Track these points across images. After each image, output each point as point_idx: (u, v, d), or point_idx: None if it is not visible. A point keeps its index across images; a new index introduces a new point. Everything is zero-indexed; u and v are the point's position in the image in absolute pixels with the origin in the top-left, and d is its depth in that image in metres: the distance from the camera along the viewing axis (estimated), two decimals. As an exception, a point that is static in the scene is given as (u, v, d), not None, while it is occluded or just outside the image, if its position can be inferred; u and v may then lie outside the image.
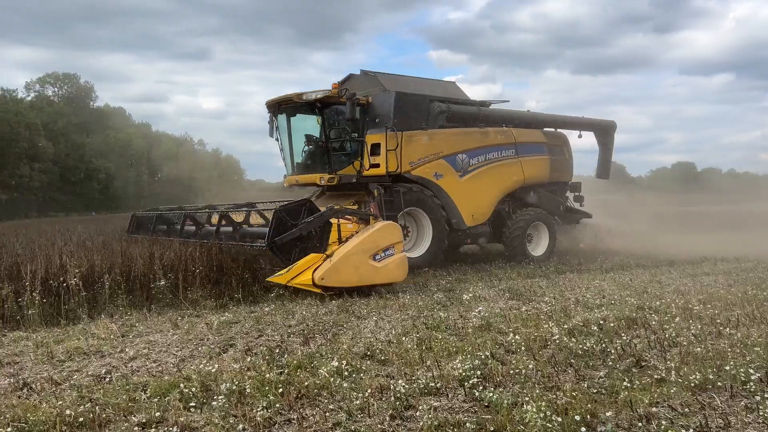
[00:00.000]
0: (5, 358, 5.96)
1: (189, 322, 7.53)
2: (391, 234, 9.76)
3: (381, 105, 12.93)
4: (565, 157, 16.11)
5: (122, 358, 5.88)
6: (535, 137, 15.29)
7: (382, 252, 9.52)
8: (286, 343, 6.28)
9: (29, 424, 4.03)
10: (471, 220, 13.58)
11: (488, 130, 14.33)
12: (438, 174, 13.17)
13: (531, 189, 15.08)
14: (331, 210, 10.11)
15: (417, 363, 5.36)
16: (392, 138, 12.45)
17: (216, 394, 4.59)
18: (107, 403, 4.42)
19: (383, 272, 9.50)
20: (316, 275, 8.84)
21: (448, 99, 13.89)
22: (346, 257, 9.14)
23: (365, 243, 9.39)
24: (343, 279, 9.13)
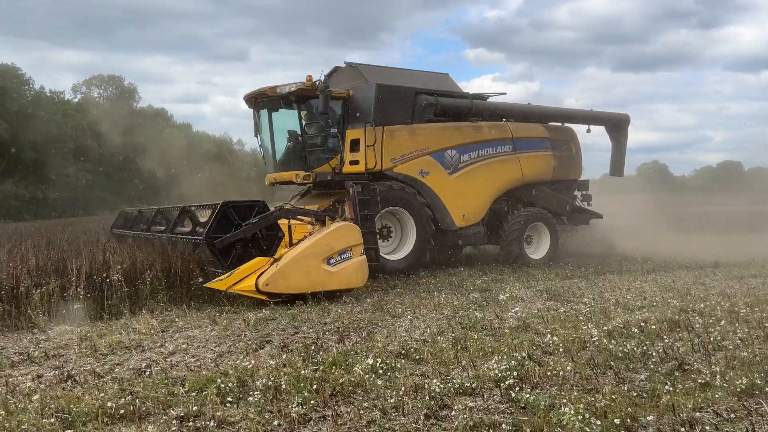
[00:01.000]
0: (51, 351, 6.15)
1: (227, 318, 7.65)
2: (348, 236, 9.10)
3: (361, 98, 12.18)
4: (572, 153, 15.11)
5: (162, 353, 6.00)
6: (535, 132, 14.37)
7: (338, 255, 8.86)
8: (322, 341, 6.31)
9: (73, 415, 4.15)
10: (462, 220, 12.81)
11: (481, 124, 13.43)
12: (424, 171, 12.39)
13: (533, 187, 14.22)
14: (280, 210, 9.53)
15: (452, 363, 5.32)
16: (372, 133, 11.75)
17: (252, 389, 4.64)
18: (147, 397, 4.52)
19: (339, 277, 8.85)
20: (260, 280, 8.21)
21: (436, 92, 13.02)
22: (296, 261, 8.51)
23: (317, 246, 8.77)
24: (292, 285, 8.48)
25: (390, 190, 11.68)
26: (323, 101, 11.19)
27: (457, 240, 12.97)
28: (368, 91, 12.11)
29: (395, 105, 12.26)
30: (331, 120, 12.18)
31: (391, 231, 12.06)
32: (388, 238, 12.03)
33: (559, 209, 14.68)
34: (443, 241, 12.80)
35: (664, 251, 15.30)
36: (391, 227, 12.06)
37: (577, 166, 15.31)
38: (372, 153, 11.73)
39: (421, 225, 12.00)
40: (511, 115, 14.32)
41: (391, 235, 12.06)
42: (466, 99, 13.55)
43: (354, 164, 11.84)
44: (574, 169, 15.23)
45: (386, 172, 12.00)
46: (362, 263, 9.21)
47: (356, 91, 12.29)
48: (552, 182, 14.58)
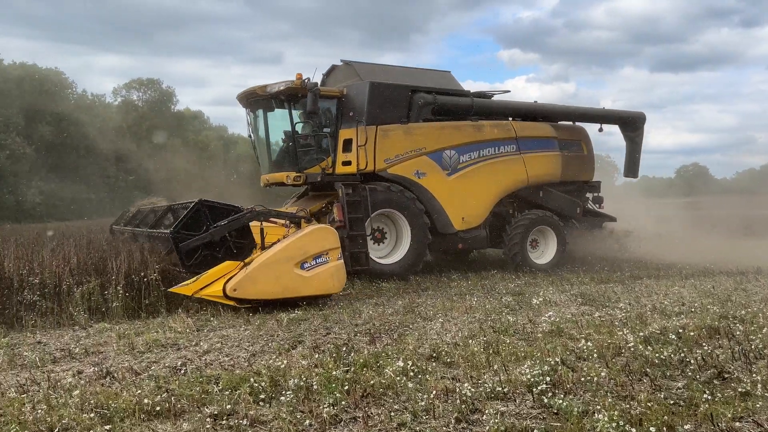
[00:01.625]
0: (91, 348, 6.33)
1: (260, 318, 7.75)
2: (323, 239, 8.68)
3: (355, 97, 11.78)
4: (584, 154, 14.46)
5: (197, 351, 6.12)
6: (541, 131, 13.75)
7: (312, 260, 8.47)
8: (353, 342, 6.34)
9: (111, 411, 4.26)
10: (461, 223, 12.32)
11: (483, 123, 12.88)
12: (420, 172, 11.95)
13: (540, 189, 13.66)
14: (251, 212, 9.19)
15: (484, 367, 5.29)
16: (364, 133, 11.35)
17: (284, 389, 4.69)
18: (182, 394, 4.61)
19: (313, 283, 8.48)
20: (228, 286, 7.84)
21: (435, 89, 12.49)
22: (266, 265, 8.14)
23: (290, 249, 8.36)
24: (261, 290, 8.12)
25: (382, 192, 11.32)
26: (311, 100, 10.88)
27: (456, 243, 12.49)
28: (361, 90, 11.73)
29: (390, 103, 11.84)
30: (326, 120, 11.88)
31: (385, 234, 11.69)
32: (382, 241, 11.63)
33: (569, 212, 14.11)
34: (441, 244, 12.43)
35: (703, 256, 14.80)
36: (385, 230, 11.70)
37: (589, 167, 14.70)
38: (364, 153, 11.36)
39: (416, 228, 11.58)
40: (517, 114, 13.85)
41: (386, 239, 11.68)
42: (467, 97, 13.04)
43: (346, 165, 11.52)
44: (585, 170, 14.59)
45: (379, 173, 11.61)
46: (339, 268, 8.79)
47: (350, 90, 11.93)
48: (561, 184, 14.03)
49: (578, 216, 14.31)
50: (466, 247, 12.85)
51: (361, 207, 10.86)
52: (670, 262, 14.04)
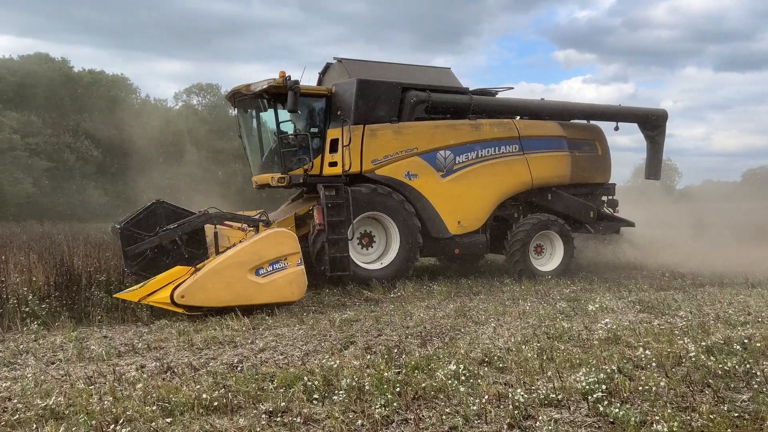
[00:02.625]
0: (153, 343, 6.58)
1: (314, 318, 7.88)
2: (281, 244, 8.27)
3: (343, 95, 11.23)
4: (598, 154, 13.57)
5: (252, 349, 6.28)
6: (548, 130, 12.91)
7: (269, 265, 8.08)
8: (404, 344, 6.37)
9: (171, 405, 4.42)
10: (457, 227, 11.69)
11: (481, 122, 12.16)
12: (411, 173, 11.34)
13: (548, 191, 12.88)
14: (204, 215, 8.90)
15: (537, 373, 5.22)
16: (349, 132, 10.83)
17: (337, 388, 4.76)
18: (238, 391, 4.74)
19: (269, 290, 8.09)
20: (176, 292, 7.57)
21: (430, 87, 11.88)
22: (216, 271, 7.81)
23: (242, 254, 8.00)
24: (212, 297, 7.78)
25: (367, 194, 10.78)
26: (292, 98, 10.40)
27: (452, 248, 11.87)
28: (349, 88, 11.16)
29: (378, 102, 11.26)
30: (314, 119, 11.48)
31: (374, 238, 11.21)
32: (371, 245, 11.18)
33: (581, 216, 13.25)
34: (436, 249, 11.93)
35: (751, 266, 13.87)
36: (374, 234, 11.22)
37: (603, 168, 13.76)
38: (349, 154, 10.86)
39: (406, 232, 11.03)
40: (522, 112, 13.10)
41: (374, 243, 11.21)
42: (465, 95, 12.34)
43: (333, 166, 11.05)
44: (600, 172, 13.66)
45: (367, 175, 11.06)
46: (298, 275, 8.35)
47: (338, 88, 11.39)
48: (572, 186, 13.21)
49: (592, 221, 13.42)
50: (463, 252, 12.15)
51: (343, 210, 10.42)
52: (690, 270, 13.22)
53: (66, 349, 6.32)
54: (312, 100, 11.31)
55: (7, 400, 4.67)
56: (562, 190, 13.11)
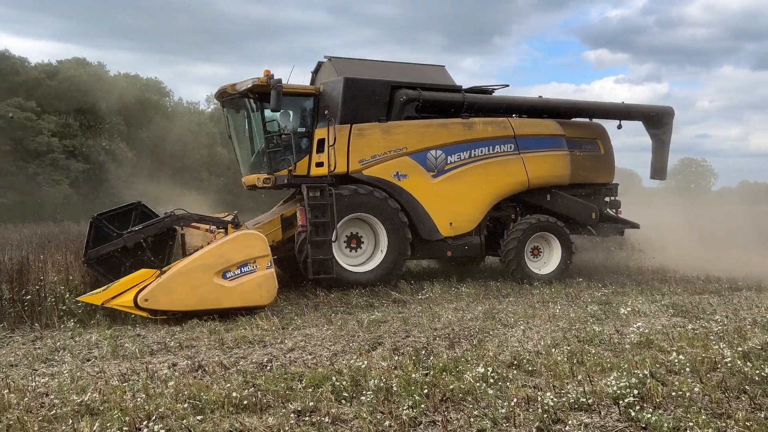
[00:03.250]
0: (184, 342, 6.70)
1: (342, 318, 7.92)
2: (250, 246, 8.06)
3: (330, 94, 10.98)
4: (600, 153, 13.09)
5: (282, 349, 6.34)
6: (545, 129, 12.42)
7: (237, 268, 7.87)
8: (432, 346, 6.35)
9: (202, 402, 4.50)
10: (449, 229, 11.34)
11: (474, 120, 11.76)
12: (400, 174, 11.01)
13: (547, 192, 12.43)
14: (171, 216, 8.67)
15: (567, 376, 5.15)
16: (337, 132, 10.57)
17: (365, 389, 4.77)
18: (268, 390, 4.79)
19: (237, 294, 7.88)
20: (140, 296, 7.41)
21: (421, 85, 11.51)
22: (181, 274, 7.65)
23: (208, 257, 7.83)
24: (176, 301, 7.60)
25: (351, 195, 10.48)
26: (275, 98, 10.13)
27: (444, 251, 11.54)
28: (336, 86, 10.92)
29: (366, 100, 10.98)
30: (302, 118, 11.24)
31: (362, 240, 10.92)
32: (359, 248, 10.90)
33: (582, 217, 12.74)
34: (428, 251, 11.62)
35: None
36: (362, 236, 10.92)
37: (606, 168, 13.24)
38: (338, 154, 10.60)
39: (394, 234, 10.72)
40: (519, 111, 12.63)
41: (362, 245, 10.92)
42: (458, 93, 11.93)
43: (320, 166, 10.77)
44: (602, 172, 13.16)
45: (354, 175, 10.77)
46: (268, 278, 8.11)
47: (326, 87, 11.15)
48: (572, 186, 12.71)
49: (594, 222, 12.90)
50: (456, 255, 11.83)
51: (327, 211, 10.20)
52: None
53: (101, 347, 6.47)
54: (300, 99, 11.12)
55: (44, 395, 4.81)
56: (562, 191, 12.66)
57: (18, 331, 7.35)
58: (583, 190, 13.01)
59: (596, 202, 13.10)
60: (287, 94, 10.62)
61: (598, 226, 12.98)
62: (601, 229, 13.08)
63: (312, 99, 11.09)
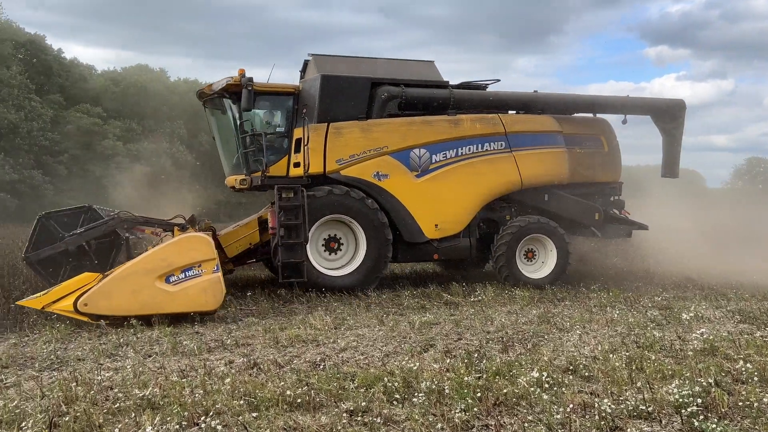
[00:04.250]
0: (240, 340, 6.86)
1: (393, 319, 7.93)
2: (194, 249, 7.82)
3: (308, 93, 10.63)
4: (603, 150, 12.27)
5: (334, 348, 6.40)
6: (540, 125, 11.78)
7: (180, 272, 7.64)
8: (485, 349, 6.28)
9: (257, 400, 4.59)
10: (434, 231, 10.86)
11: (461, 117, 11.19)
12: (381, 174, 10.59)
13: (544, 191, 11.78)
14: (112, 219, 8.52)
15: (625, 383, 5.00)
16: (313, 131, 10.27)
17: (416, 390, 4.76)
18: (321, 389, 4.85)
19: (180, 299, 7.65)
20: (80, 300, 7.31)
21: (405, 81, 11.00)
22: (121, 278, 7.50)
23: (150, 261, 7.67)
24: (116, 305, 7.44)
25: (329, 196, 10.15)
26: (246, 97, 9.92)
27: (431, 254, 11.10)
28: (314, 84, 10.59)
29: (345, 98, 10.60)
30: (284, 118, 10.91)
31: (341, 243, 10.57)
32: (337, 250, 10.54)
33: (584, 218, 12.06)
34: (412, 254, 11.13)
35: None
36: (341, 238, 10.57)
37: (611, 166, 12.42)
38: (312, 154, 10.25)
39: (373, 236, 10.34)
40: (513, 106, 12.04)
41: (341, 248, 10.57)
42: (444, 89, 11.38)
43: (298, 167, 10.44)
44: (606, 170, 12.34)
45: (331, 176, 10.40)
46: (214, 282, 7.83)
47: (305, 85, 10.84)
48: (573, 185, 11.99)
49: (598, 223, 12.15)
50: (443, 258, 11.39)
51: (299, 213, 9.91)
52: None
53: (161, 343, 6.70)
54: (279, 98, 10.85)
55: (109, 389, 5.01)
56: (562, 191, 11.94)
57: (84, 326, 7.69)
58: (586, 190, 12.28)
59: (600, 202, 12.37)
60: (266, 93, 10.56)
61: (603, 227, 12.25)
62: (607, 231, 12.33)
63: (292, 98, 10.75)
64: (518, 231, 11.17)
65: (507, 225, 11.33)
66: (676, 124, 12.98)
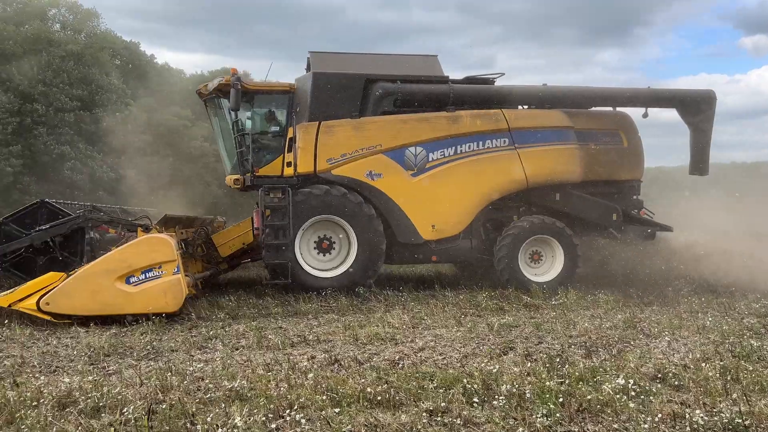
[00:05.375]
0: (322, 336, 7.04)
1: (471, 321, 7.89)
2: (153, 251, 7.83)
3: (302, 91, 10.52)
4: (622, 146, 11.55)
5: (412, 348, 6.45)
6: (548, 120, 11.19)
7: (141, 274, 7.69)
8: (567, 354, 6.13)
9: (339, 395, 4.70)
10: (431, 232, 10.52)
11: (460, 113, 10.77)
12: (374, 173, 10.34)
13: (556, 190, 11.20)
14: (77, 216, 8.47)
15: (719, 394, 4.74)
16: (304, 129, 10.19)
17: (496, 393, 4.72)
18: (400, 387, 4.90)
19: (140, 300, 7.66)
20: (42, 299, 7.44)
21: (402, 77, 10.73)
22: (82, 279, 7.60)
23: (109, 261, 7.73)
24: (77, 305, 7.54)
25: (317, 196, 10.02)
26: (233, 96, 9.88)
27: (428, 255, 10.75)
28: (306, 82, 10.51)
29: (337, 96, 10.41)
30: (280, 117, 10.84)
31: (333, 243, 10.38)
32: (329, 251, 10.36)
33: (601, 218, 11.39)
34: (408, 256, 10.77)
35: None
36: (333, 239, 10.38)
37: (631, 163, 11.67)
38: (302, 153, 10.17)
39: (364, 237, 10.15)
40: (520, 101, 11.48)
41: (333, 249, 10.38)
42: (444, 84, 10.95)
43: (289, 166, 10.38)
44: (626, 166, 11.61)
45: (322, 175, 10.25)
46: (174, 284, 7.83)
47: (299, 83, 10.72)
48: (589, 184, 11.37)
49: (616, 224, 11.44)
50: (442, 260, 11.07)
51: (284, 213, 9.90)
52: None
53: (248, 337, 6.99)
54: (275, 97, 10.78)
55: (200, 379, 5.28)
56: (576, 189, 11.33)
57: (177, 319, 8.14)
58: (603, 189, 11.63)
59: (620, 202, 11.63)
60: (261, 93, 10.58)
61: (623, 228, 11.49)
62: (627, 232, 11.51)
63: (287, 96, 10.67)
64: (521, 232, 10.72)
65: (510, 225, 10.90)
66: (705, 117, 11.97)
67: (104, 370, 5.68)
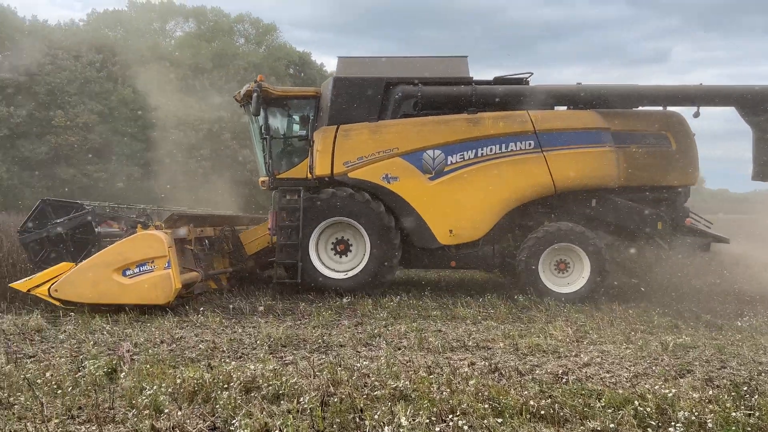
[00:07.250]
0: (481, 343, 7.05)
1: (642, 338, 7.40)
2: (147, 247, 8.37)
3: (325, 96, 10.72)
4: (670, 149, 10.57)
5: (577, 362, 6.21)
6: (579, 121, 10.46)
7: (136, 267, 8.32)
8: (756, 381, 5.53)
9: (501, 405, 4.69)
10: (448, 237, 10.30)
11: (482, 116, 10.35)
12: (390, 176, 10.29)
13: (592, 196, 10.54)
14: (86, 212, 9.24)
15: None
16: (323, 133, 10.42)
17: (672, 420, 4.41)
18: (565, 403, 4.76)
19: (134, 291, 8.29)
20: (52, 287, 8.36)
21: (423, 80, 10.50)
22: (84, 269, 8.38)
23: (108, 255, 8.45)
24: (79, 294, 8.34)
25: (331, 198, 10.24)
26: (254, 102, 10.17)
27: (446, 260, 10.61)
28: (328, 87, 10.72)
29: (357, 100, 10.48)
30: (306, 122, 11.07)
31: (350, 246, 10.51)
32: (346, 253, 10.51)
33: (642, 227, 10.52)
34: (426, 260, 10.78)
35: None
36: (349, 241, 10.52)
37: (681, 167, 10.65)
38: (321, 156, 10.38)
39: (377, 239, 10.22)
40: (553, 102, 10.78)
41: (350, 251, 10.53)
42: (467, 85, 10.56)
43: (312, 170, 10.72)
44: (675, 171, 10.64)
45: (338, 178, 10.39)
46: (164, 278, 8.31)
47: (323, 89, 10.93)
48: (630, 190, 10.63)
49: (661, 233, 10.52)
50: (461, 265, 10.84)
51: (296, 214, 10.30)
52: None
53: (409, 338, 7.20)
54: (302, 102, 11.10)
55: (366, 376, 5.56)
56: (615, 195, 10.61)
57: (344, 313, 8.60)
58: (647, 194, 10.79)
59: (667, 210, 10.74)
60: (288, 98, 11.00)
61: (671, 239, 10.57)
62: (676, 243, 10.54)
63: (313, 101, 10.98)
64: (542, 238, 10.21)
65: (532, 232, 10.41)
66: None
67: (282, 360, 6.21)
